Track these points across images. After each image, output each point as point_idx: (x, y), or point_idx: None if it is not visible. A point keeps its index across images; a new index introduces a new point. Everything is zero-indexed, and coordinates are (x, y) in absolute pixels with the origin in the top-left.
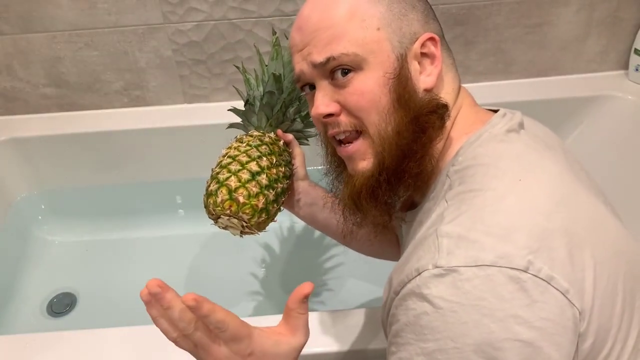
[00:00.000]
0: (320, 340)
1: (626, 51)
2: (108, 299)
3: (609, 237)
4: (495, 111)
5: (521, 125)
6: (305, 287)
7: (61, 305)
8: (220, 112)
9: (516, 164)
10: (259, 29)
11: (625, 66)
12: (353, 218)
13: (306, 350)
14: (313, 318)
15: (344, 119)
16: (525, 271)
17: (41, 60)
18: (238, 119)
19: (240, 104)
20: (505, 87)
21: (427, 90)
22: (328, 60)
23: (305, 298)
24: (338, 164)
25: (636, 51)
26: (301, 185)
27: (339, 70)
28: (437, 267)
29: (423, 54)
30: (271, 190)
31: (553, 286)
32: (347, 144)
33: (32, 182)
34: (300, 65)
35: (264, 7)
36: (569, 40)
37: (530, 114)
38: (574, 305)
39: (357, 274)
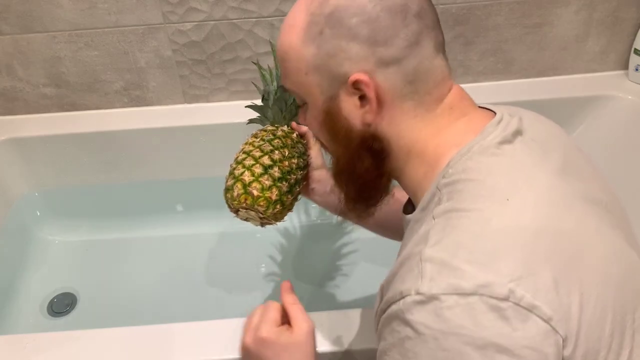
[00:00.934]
0: (320, 340)
1: (626, 51)
2: (108, 299)
3: (598, 259)
4: (495, 112)
5: (517, 133)
6: (285, 283)
7: (61, 305)
8: (220, 112)
9: (505, 180)
10: (259, 29)
11: (625, 66)
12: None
13: None
14: (313, 318)
15: None
16: (506, 300)
17: (41, 60)
18: (254, 114)
19: (240, 105)
20: (505, 87)
21: (367, 125)
22: (284, 88)
23: (290, 290)
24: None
25: (636, 51)
26: (317, 175)
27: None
28: (419, 293)
29: (360, 90)
30: (284, 182)
31: (535, 314)
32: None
33: (32, 182)
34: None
35: (264, 7)
36: (569, 40)
37: None
38: (557, 332)
39: (357, 274)
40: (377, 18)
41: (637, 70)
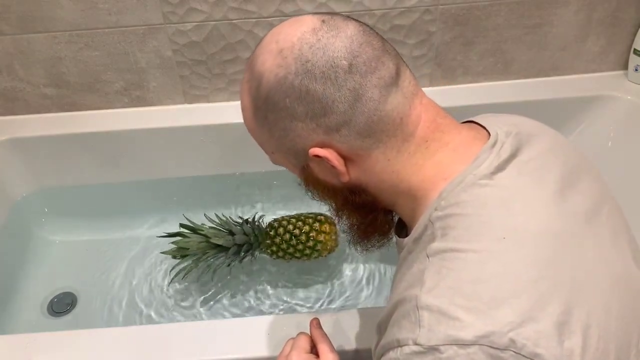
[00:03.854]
0: None
1: (626, 51)
2: (108, 299)
3: (599, 290)
4: (485, 128)
5: (512, 156)
6: (313, 321)
7: (62, 305)
8: (220, 112)
9: (500, 214)
10: (259, 30)
11: (624, 66)
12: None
13: None
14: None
15: None
16: (506, 349)
17: (41, 61)
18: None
19: (239, 104)
20: (505, 87)
21: (344, 181)
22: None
23: (319, 326)
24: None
25: (635, 51)
26: None
27: None
28: (417, 344)
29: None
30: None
31: None
32: None
33: (33, 182)
34: None
35: (264, 7)
36: (568, 41)
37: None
38: None
39: (357, 274)
40: (307, 92)
41: (636, 70)
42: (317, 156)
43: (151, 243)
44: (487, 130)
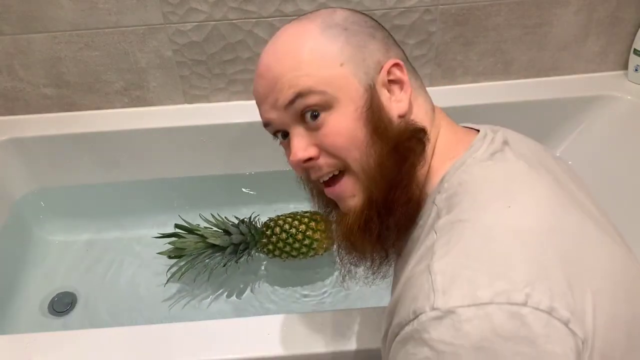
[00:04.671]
0: (320, 340)
1: (626, 51)
2: (108, 299)
3: (603, 262)
4: (477, 129)
5: (505, 144)
6: None
7: (62, 305)
8: (220, 112)
9: (503, 188)
10: (259, 30)
11: (624, 66)
12: (349, 258)
13: (306, 350)
14: (313, 318)
15: (323, 161)
16: (524, 305)
17: (42, 61)
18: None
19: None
20: (505, 87)
21: (401, 117)
22: (296, 97)
23: None
24: (327, 203)
25: (635, 51)
26: None
27: (308, 113)
28: (434, 309)
29: (391, 81)
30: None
31: (554, 317)
32: (332, 185)
33: (32, 182)
34: (268, 114)
35: (264, 7)
36: (568, 41)
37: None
38: (576, 334)
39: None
40: (377, 27)
41: (636, 70)
42: (395, 66)
43: (151, 243)
44: (476, 130)
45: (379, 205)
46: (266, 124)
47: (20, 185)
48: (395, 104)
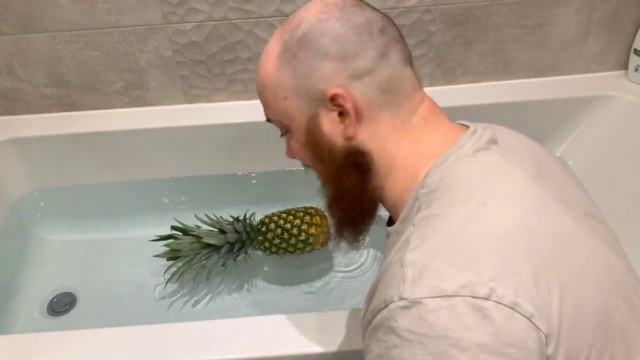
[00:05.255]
0: (320, 340)
1: (626, 51)
2: (108, 299)
3: (575, 258)
4: (468, 126)
5: (492, 141)
6: None
7: (61, 305)
8: (220, 112)
9: (481, 185)
10: (259, 30)
11: (624, 66)
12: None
13: (306, 350)
14: (313, 318)
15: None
16: (487, 299)
17: (41, 61)
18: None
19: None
20: (505, 87)
21: (349, 139)
22: (268, 121)
23: None
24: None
25: (636, 51)
26: None
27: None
28: (402, 299)
29: (339, 105)
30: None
31: (517, 311)
32: None
33: (32, 182)
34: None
35: (264, 7)
36: (568, 41)
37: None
38: (539, 329)
39: (357, 274)
40: (345, 35)
41: (636, 70)
42: (334, 97)
43: (150, 243)
44: (466, 127)
45: (338, 210)
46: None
47: (20, 185)
48: (343, 127)
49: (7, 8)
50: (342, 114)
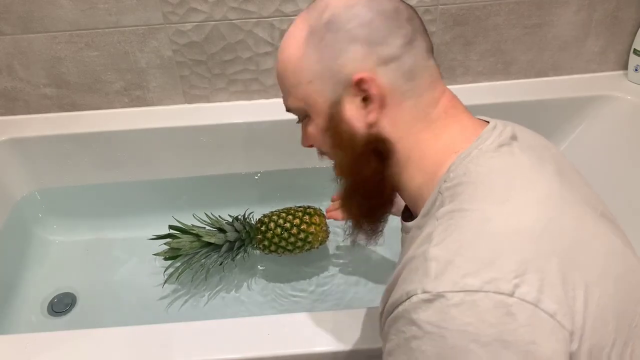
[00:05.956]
0: (320, 340)
1: (625, 51)
2: (108, 299)
3: (598, 256)
4: (487, 122)
5: (513, 138)
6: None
7: (61, 305)
8: (220, 112)
9: (504, 181)
10: (259, 30)
11: (624, 66)
12: (350, 221)
13: (306, 350)
14: (313, 318)
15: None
16: (511, 295)
17: (42, 61)
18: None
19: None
20: (505, 87)
21: (371, 125)
22: (287, 109)
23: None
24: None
25: (635, 51)
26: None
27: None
28: (425, 292)
29: (364, 90)
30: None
31: (540, 309)
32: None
33: (32, 182)
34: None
35: (264, 7)
36: (568, 41)
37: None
38: (563, 326)
39: (357, 274)
40: (372, 21)
41: (636, 70)
42: (361, 81)
43: (150, 243)
44: (486, 122)
45: (356, 200)
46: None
47: (20, 186)
48: (365, 113)
49: (7, 8)
50: (365, 100)
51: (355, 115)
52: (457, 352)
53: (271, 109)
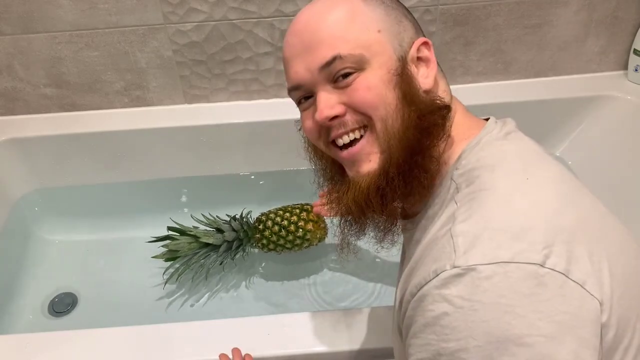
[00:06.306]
0: (320, 340)
1: (625, 51)
2: (108, 299)
3: (615, 232)
4: (486, 119)
5: (517, 128)
6: (235, 351)
7: (62, 305)
8: (220, 112)
9: (520, 162)
10: (259, 30)
11: (624, 66)
12: (353, 228)
13: (306, 350)
14: (314, 318)
15: (349, 117)
16: (542, 265)
17: (42, 61)
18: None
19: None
20: (505, 87)
21: (426, 92)
22: (334, 59)
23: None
24: (335, 174)
25: (635, 51)
26: None
27: (341, 72)
28: (455, 267)
29: (419, 58)
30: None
31: (571, 279)
32: (351, 146)
33: (33, 182)
34: (300, 75)
35: (264, 7)
36: (568, 41)
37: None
38: (593, 296)
39: (357, 274)
40: (407, 13)
41: (636, 70)
42: (425, 44)
43: (149, 243)
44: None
45: (394, 173)
46: (295, 88)
47: (20, 185)
48: (422, 79)
49: (7, 8)
50: (417, 68)
51: (416, 77)
52: (490, 325)
53: (271, 109)
